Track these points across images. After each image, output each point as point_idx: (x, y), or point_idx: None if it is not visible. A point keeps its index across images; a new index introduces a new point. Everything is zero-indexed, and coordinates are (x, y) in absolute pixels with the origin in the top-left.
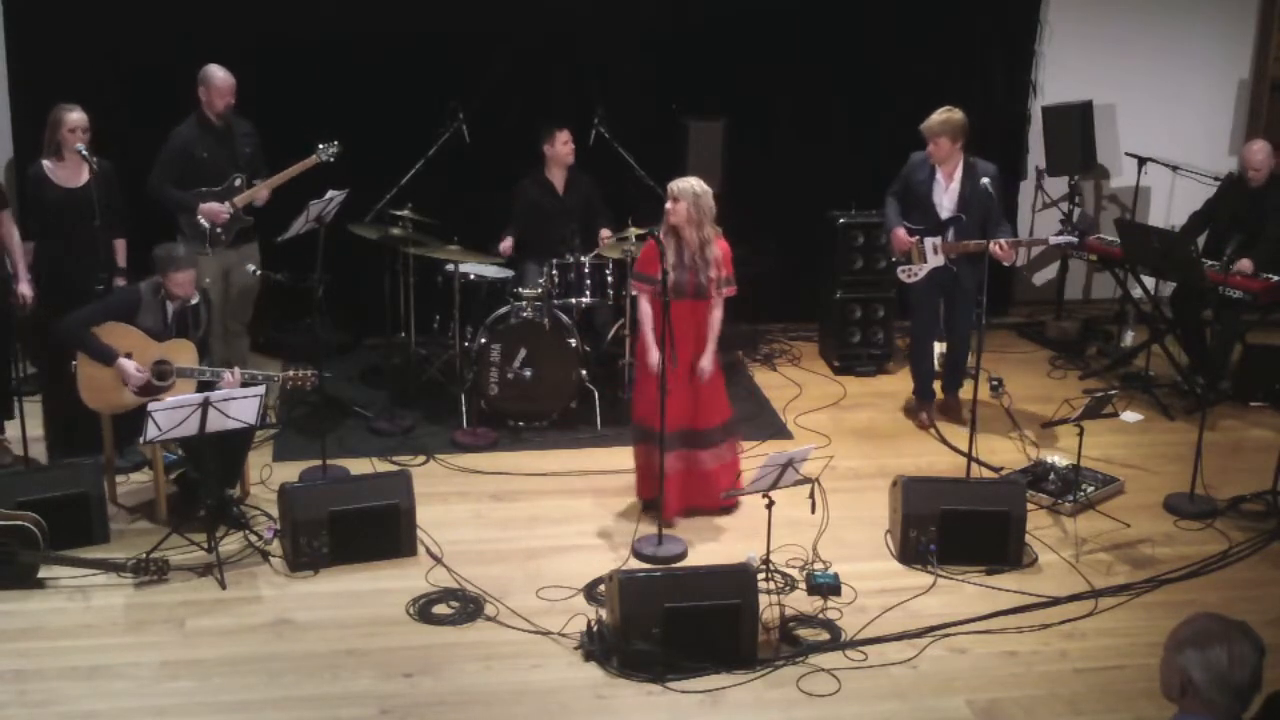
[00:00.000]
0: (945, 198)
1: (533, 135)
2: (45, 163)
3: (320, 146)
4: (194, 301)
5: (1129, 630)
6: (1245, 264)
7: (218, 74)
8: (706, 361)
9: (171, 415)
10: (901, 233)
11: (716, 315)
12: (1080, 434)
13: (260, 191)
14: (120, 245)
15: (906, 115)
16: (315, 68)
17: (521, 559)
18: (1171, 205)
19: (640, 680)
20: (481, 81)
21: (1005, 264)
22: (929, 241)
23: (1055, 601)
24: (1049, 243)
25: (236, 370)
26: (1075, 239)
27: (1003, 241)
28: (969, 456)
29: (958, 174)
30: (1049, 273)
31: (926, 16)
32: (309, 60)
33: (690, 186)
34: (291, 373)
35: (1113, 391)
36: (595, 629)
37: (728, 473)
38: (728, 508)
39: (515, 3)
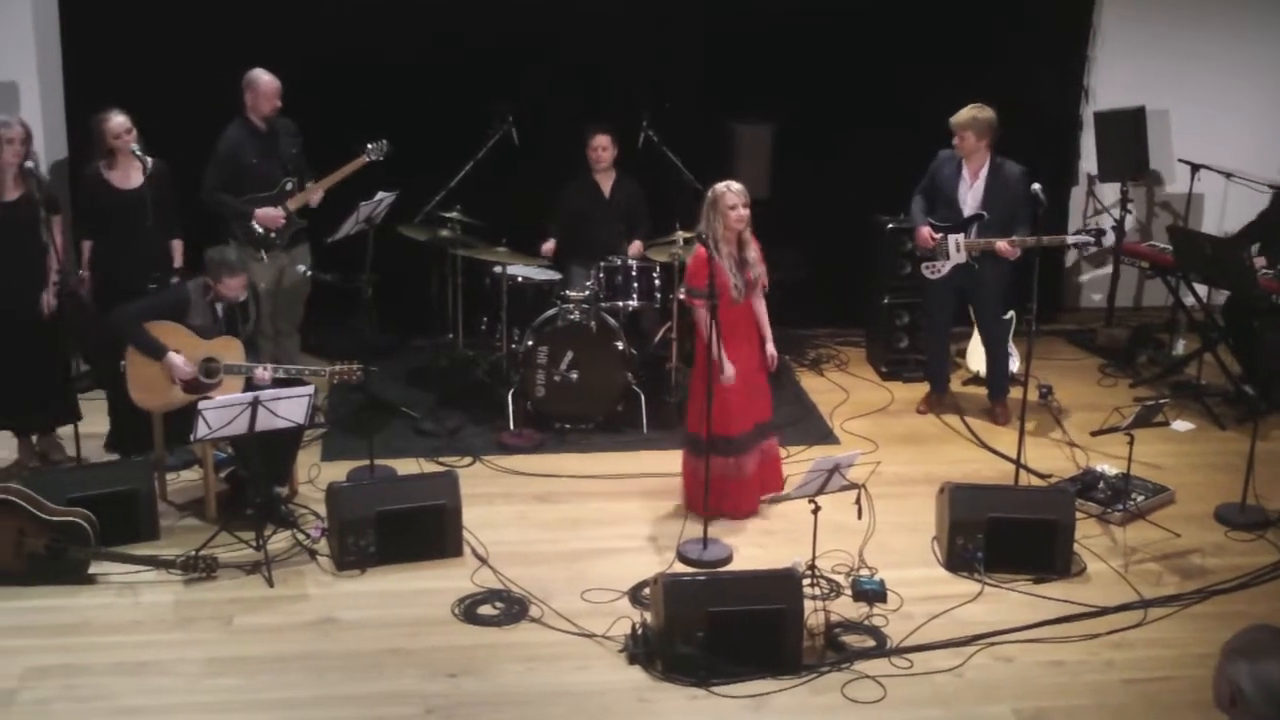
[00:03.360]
0: (969, 195)
1: (581, 139)
2: (99, 165)
3: (370, 146)
4: (241, 299)
5: (1178, 641)
6: None
7: (263, 77)
8: (772, 348)
9: (222, 414)
10: (926, 230)
11: (761, 306)
12: (1130, 442)
13: (314, 194)
14: (177, 246)
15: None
16: (366, 72)
17: (566, 561)
18: (1225, 213)
19: (684, 684)
20: (530, 85)
21: (1009, 259)
22: (952, 238)
23: (1103, 611)
24: (1066, 242)
25: (268, 367)
26: (1092, 239)
27: (1011, 239)
28: (1017, 463)
29: (983, 172)
30: (1100, 280)
31: (978, 20)
32: (360, 64)
33: (743, 188)
34: (338, 367)
35: (1163, 400)
36: (639, 632)
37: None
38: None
39: (565, 6)
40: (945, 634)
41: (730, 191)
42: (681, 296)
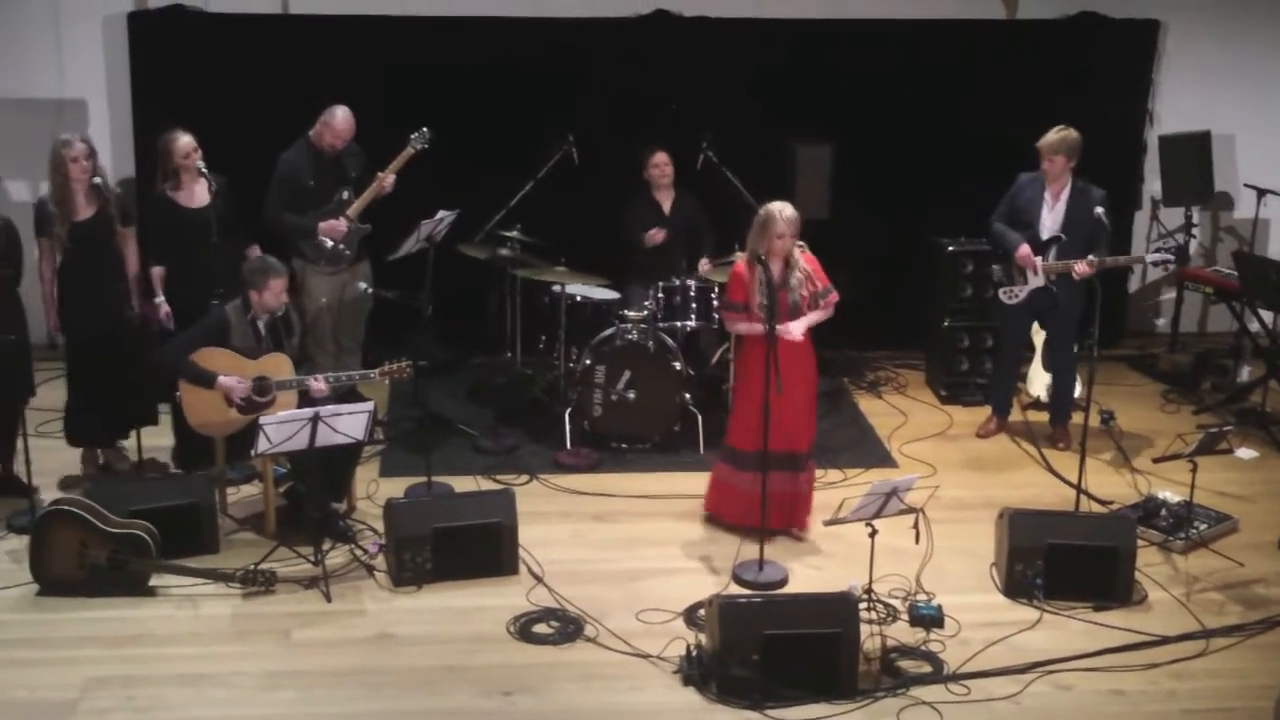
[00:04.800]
0: (1049, 217)
1: (640, 159)
2: (165, 188)
3: (412, 137)
4: (280, 313)
5: (1240, 672)
6: None
7: (339, 115)
8: (796, 326)
9: (283, 429)
10: (1026, 250)
11: (820, 315)
12: (1193, 470)
13: (384, 182)
14: (255, 252)
15: (1018, 142)
16: (429, 91)
17: (621, 580)
18: None
19: (738, 707)
20: (590, 105)
21: (1076, 278)
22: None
23: (1164, 640)
24: (1145, 260)
25: (318, 377)
26: (1172, 258)
27: (1090, 259)
28: (1078, 489)
29: (1065, 194)
30: (1164, 305)
31: (1041, 43)
32: (423, 84)
33: (796, 217)
34: (388, 366)
35: (1227, 427)
36: (694, 653)
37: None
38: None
39: (626, 28)
40: (1003, 661)
41: (781, 219)
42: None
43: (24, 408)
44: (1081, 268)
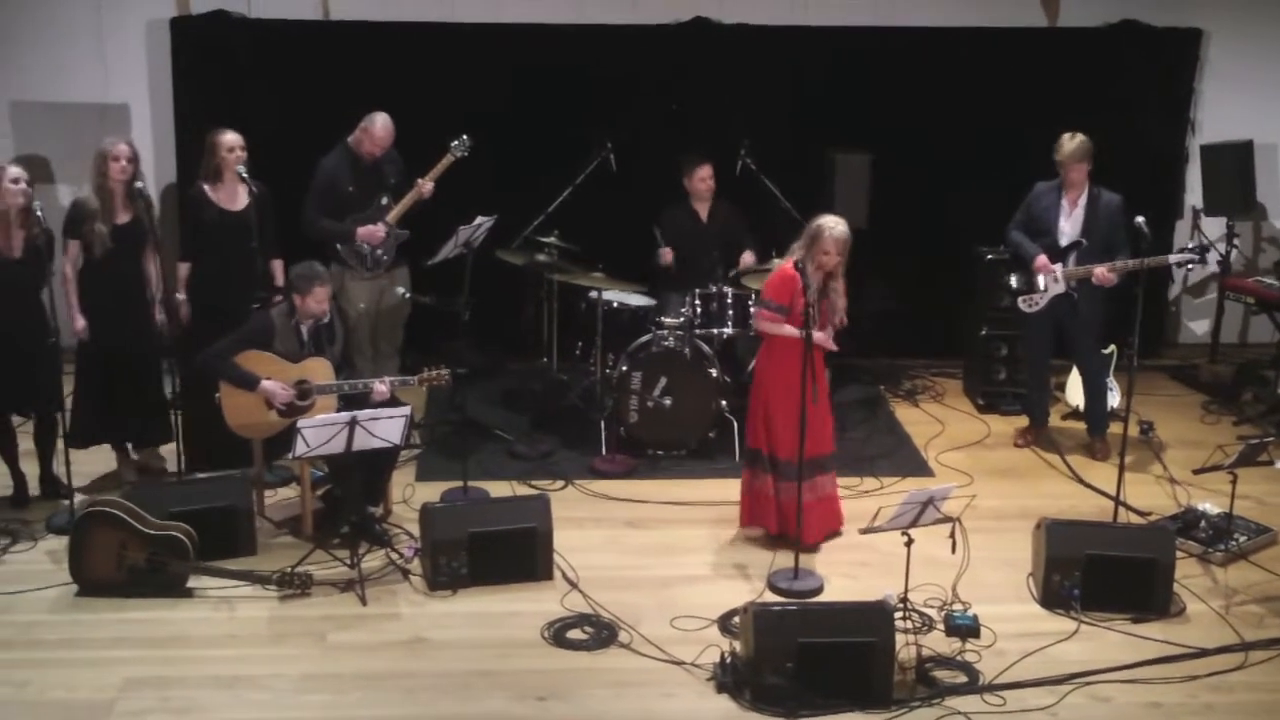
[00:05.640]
0: (1067, 224)
1: (679, 166)
2: (204, 185)
3: (452, 145)
4: (325, 320)
5: (1278, 686)
6: None
7: (379, 123)
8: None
9: (320, 432)
10: (1045, 258)
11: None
12: (1233, 481)
13: (423, 189)
14: (278, 266)
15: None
16: (469, 97)
17: (656, 587)
18: None
19: (772, 715)
20: (629, 112)
21: (1105, 286)
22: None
23: (1203, 653)
24: (1169, 262)
25: (388, 380)
26: (1196, 256)
27: (1110, 265)
28: (1116, 500)
29: (1082, 200)
30: (1203, 314)
31: (1079, 51)
32: (463, 89)
33: (847, 237)
34: (427, 373)
35: (1268, 439)
36: (728, 661)
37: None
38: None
39: (665, 35)
40: (1040, 672)
41: (830, 237)
42: (751, 305)
43: (60, 411)
44: (1101, 272)
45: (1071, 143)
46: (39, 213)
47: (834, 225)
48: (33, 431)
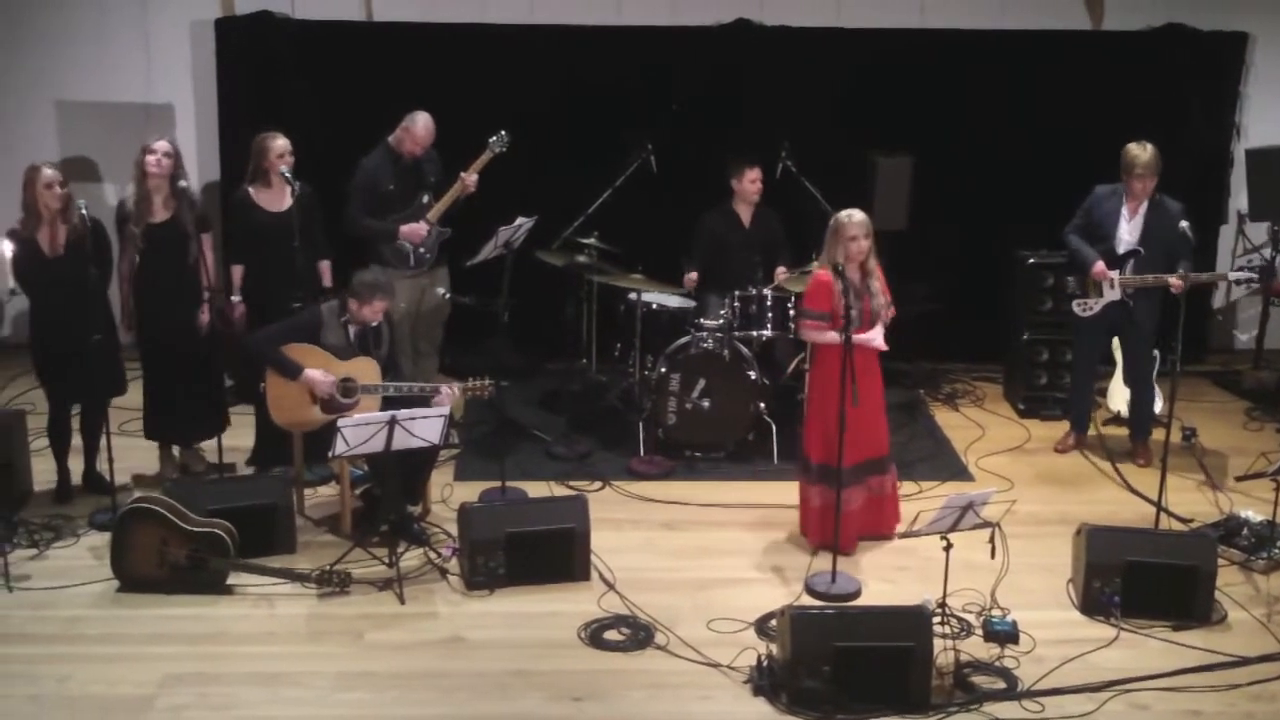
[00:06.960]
0: (1127, 230)
1: (719, 168)
2: (249, 188)
3: (491, 140)
4: (374, 323)
5: None
6: None
7: (420, 122)
8: (878, 334)
9: (359, 431)
10: (1102, 265)
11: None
12: (1276, 489)
13: (466, 181)
14: (325, 267)
15: (1100, 154)
16: (509, 98)
17: (693, 589)
18: None
19: (808, 718)
20: (670, 114)
21: (1174, 293)
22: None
23: (1244, 661)
24: (1228, 278)
25: (455, 385)
26: (1255, 275)
27: (1182, 274)
28: (1158, 506)
29: (1143, 208)
30: (1248, 321)
31: (1126, 54)
32: (503, 90)
33: (865, 219)
34: (470, 383)
35: None
36: (765, 664)
37: (892, 502)
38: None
39: (707, 37)
40: (1079, 679)
41: (851, 222)
42: (790, 310)
43: (108, 406)
44: (1176, 282)
45: (1145, 154)
46: (84, 210)
47: (850, 213)
48: (79, 425)
